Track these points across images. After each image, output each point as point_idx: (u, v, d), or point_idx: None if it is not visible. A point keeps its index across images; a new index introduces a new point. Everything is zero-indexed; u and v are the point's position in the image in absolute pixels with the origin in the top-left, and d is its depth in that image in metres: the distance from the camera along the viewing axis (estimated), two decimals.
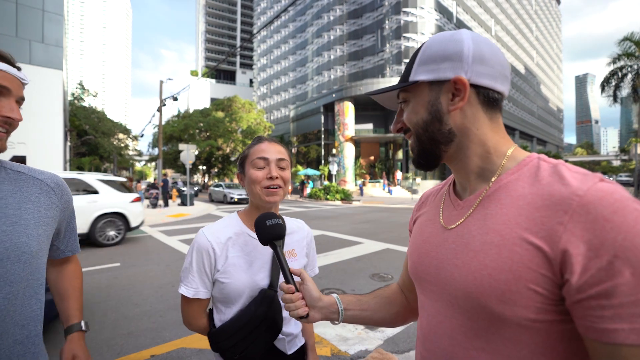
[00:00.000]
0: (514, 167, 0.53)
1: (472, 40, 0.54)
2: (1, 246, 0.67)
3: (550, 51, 75.87)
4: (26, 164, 3.29)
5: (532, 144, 58.68)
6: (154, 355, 2.50)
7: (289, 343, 0.98)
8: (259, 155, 0.94)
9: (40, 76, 16.65)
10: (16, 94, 0.70)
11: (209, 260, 0.91)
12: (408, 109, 0.59)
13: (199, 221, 10.78)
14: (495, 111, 0.56)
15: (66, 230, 0.89)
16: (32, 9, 16.71)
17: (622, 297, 0.38)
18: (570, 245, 0.41)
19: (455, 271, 0.53)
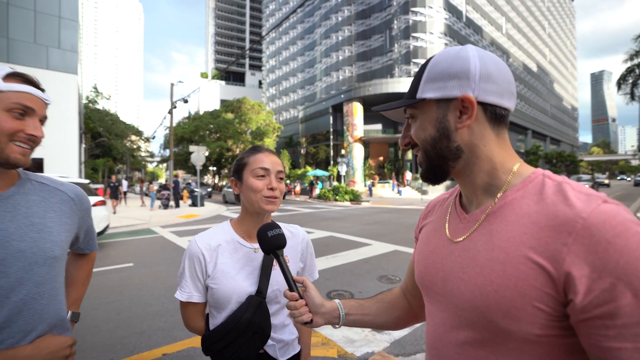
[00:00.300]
0: (519, 183, 0.54)
1: (479, 58, 0.54)
2: (29, 251, 0.75)
3: (563, 48, 74.26)
4: (44, 167, 3.47)
5: (545, 144, 57.48)
6: (166, 354, 2.58)
7: (281, 350, 1.00)
8: (260, 165, 0.97)
9: (56, 80, 17.13)
10: (40, 113, 0.77)
11: (199, 266, 0.95)
12: (416, 125, 0.60)
13: (209, 222, 10.93)
14: (502, 127, 0.57)
15: (85, 234, 0.96)
16: (49, 16, 17.21)
17: (626, 318, 0.39)
18: (574, 267, 0.42)
19: (462, 285, 0.54)
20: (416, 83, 0.59)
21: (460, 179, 0.60)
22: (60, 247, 0.81)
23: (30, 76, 0.77)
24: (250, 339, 0.92)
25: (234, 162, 1.07)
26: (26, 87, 0.75)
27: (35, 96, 0.76)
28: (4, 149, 0.72)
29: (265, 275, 0.97)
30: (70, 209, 0.87)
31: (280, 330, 1.02)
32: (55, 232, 0.81)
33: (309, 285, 0.77)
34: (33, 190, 0.82)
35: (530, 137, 51.48)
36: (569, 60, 78.24)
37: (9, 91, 0.72)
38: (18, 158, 0.74)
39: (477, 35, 40.05)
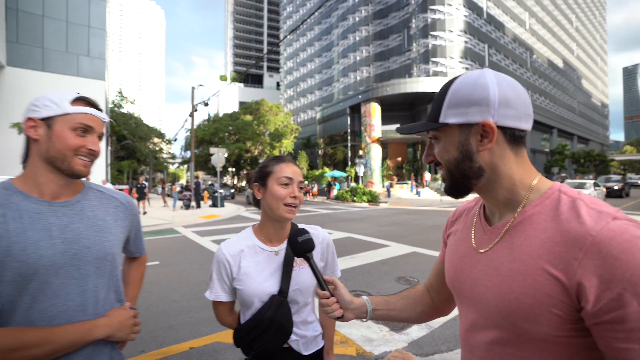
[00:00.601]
0: (537, 199, 0.59)
1: (497, 85, 0.59)
2: (94, 248, 0.87)
3: (593, 42, 70.90)
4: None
5: (572, 143, 55.08)
6: (193, 348, 2.72)
7: (304, 345, 1.08)
8: (285, 174, 1.05)
9: (85, 87, 18.00)
10: (98, 130, 0.90)
11: (225, 270, 1.06)
12: (439, 146, 0.66)
13: (229, 222, 11.21)
14: (520, 146, 0.62)
15: (135, 237, 1.08)
16: (79, 26, 18.11)
17: (633, 323, 0.45)
18: (584, 279, 0.48)
19: (488, 292, 0.61)
20: (438, 107, 0.63)
21: (482, 194, 0.66)
22: (116, 246, 0.95)
23: (92, 99, 0.90)
24: (274, 335, 1.01)
25: (257, 168, 1.15)
26: (88, 108, 0.87)
27: (95, 116, 0.88)
28: (70, 162, 0.85)
29: (286, 276, 1.05)
30: (123, 213, 1.00)
31: (303, 326, 1.09)
32: (112, 233, 0.94)
33: (339, 284, 0.86)
34: (94, 197, 0.95)
35: (556, 136, 49.49)
36: (598, 54, 74.64)
37: (75, 113, 0.85)
38: (81, 170, 0.87)
39: (498, 32, 38.95)
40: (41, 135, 0.84)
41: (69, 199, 0.89)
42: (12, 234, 0.77)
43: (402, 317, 0.89)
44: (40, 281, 0.79)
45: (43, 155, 0.84)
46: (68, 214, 0.87)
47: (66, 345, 0.80)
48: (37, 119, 0.84)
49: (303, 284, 1.07)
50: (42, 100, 0.85)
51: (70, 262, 0.83)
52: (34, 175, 0.85)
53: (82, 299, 0.85)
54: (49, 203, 0.85)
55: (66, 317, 0.82)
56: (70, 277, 0.83)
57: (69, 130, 0.84)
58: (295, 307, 1.07)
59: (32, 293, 0.78)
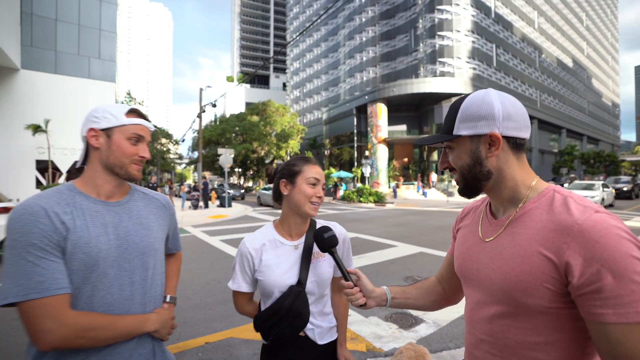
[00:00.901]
0: (535, 197, 0.71)
1: (501, 102, 0.71)
2: (141, 244, 0.98)
3: (603, 41, 69.75)
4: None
5: (581, 143, 54.26)
6: (208, 342, 2.83)
7: (319, 334, 1.15)
8: (314, 175, 1.13)
9: (96, 89, 18.32)
10: (147, 139, 1.01)
11: (247, 263, 1.14)
12: (453, 154, 0.78)
13: (237, 222, 11.36)
14: (521, 152, 0.74)
15: (172, 235, 1.18)
16: (91, 29, 18.43)
17: (607, 293, 0.56)
18: (571, 258, 0.60)
19: (492, 273, 0.72)
20: (451, 122, 0.76)
21: (490, 194, 0.78)
22: (159, 242, 1.05)
23: (141, 111, 1.02)
24: (291, 322, 1.08)
25: (283, 165, 1.22)
26: (140, 120, 0.99)
27: (145, 126, 1.00)
28: (127, 168, 0.97)
29: (304, 269, 1.13)
30: (163, 212, 1.10)
31: (319, 317, 1.17)
32: (155, 230, 1.04)
33: (362, 275, 0.97)
34: (139, 198, 1.06)
35: (565, 137, 48.84)
36: (609, 53, 73.41)
37: (130, 124, 0.96)
38: (136, 174, 0.99)
39: (506, 31, 38.62)
40: (102, 144, 0.95)
41: (120, 200, 1.00)
42: (78, 229, 0.87)
43: (418, 305, 1.00)
44: (100, 272, 0.89)
45: (103, 161, 0.95)
46: (120, 213, 0.97)
47: (124, 333, 0.90)
48: (98, 129, 0.94)
49: (320, 276, 1.15)
50: (102, 112, 0.95)
51: (122, 255, 0.93)
52: (93, 178, 0.96)
53: (132, 289, 0.95)
54: (104, 203, 0.96)
55: (120, 305, 0.92)
56: (122, 269, 0.93)
57: (125, 139, 0.95)
58: (312, 297, 1.15)
59: (93, 282, 0.88)
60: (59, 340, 0.80)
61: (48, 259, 0.81)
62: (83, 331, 0.83)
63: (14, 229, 0.81)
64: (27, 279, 0.79)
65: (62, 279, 0.82)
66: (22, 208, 0.83)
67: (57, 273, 0.82)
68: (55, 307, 0.80)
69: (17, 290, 0.78)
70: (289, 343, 1.12)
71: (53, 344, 0.80)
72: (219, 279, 4.72)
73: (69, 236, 0.85)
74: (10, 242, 0.81)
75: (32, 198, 0.86)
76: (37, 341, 0.80)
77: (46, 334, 0.79)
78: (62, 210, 0.86)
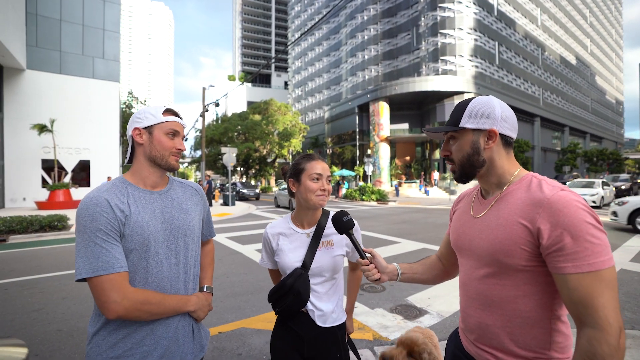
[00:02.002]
0: (517, 181, 0.89)
1: (500, 107, 0.90)
2: (182, 227, 1.11)
3: (608, 38, 69.30)
4: (90, 168, 4.51)
5: (584, 141, 54.05)
6: (222, 332, 2.95)
7: (320, 317, 1.27)
8: (315, 171, 1.27)
9: (100, 88, 18.49)
10: (182, 134, 1.14)
11: (268, 246, 1.36)
12: (456, 144, 0.94)
13: (241, 220, 11.48)
14: (510, 148, 0.93)
15: (206, 220, 1.30)
16: (95, 29, 18.56)
17: (567, 250, 0.73)
18: (542, 225, 0.76)
19: (481, 242, 0.89)
20: (458, 115, 0.92)
21: (481, 179, 0.95)
22: (197, 225, 1.19)
23: (175, 109, 1.15)
24: (293, 299, 1.25)
25: (291, 165, 1.36)
26: (175, 117, 1.12)
27: (179, 123, 1.13)
28: (167, 159, 1.10)
29: (309, 255, 1.28)
30: (198, 199, 1.24)
31: (325, 297, 1.30)
32: (193, 214, 1.17)
33: (377, 254, 1.12)
34: (177, 187, 1.20)
35: (568, 134, 48.69)
36: (613, 50, 72.95)
37: (167, 121, 1.10)
38: (175, 164, 1.12)
39: (509, 29, 38.50)
40: (145, 140, 1.09)
41: (162, 189, 1.13)
42: (133, 215, 1.01)
43: (422, 279, 1.18)
44: (152, 251, 1.03)
45: (147, 155, 1.09)
46: (164, 200, 1.11)
47: (170, 310, 1.04)
48: (141, 128, 1.09)
49: (324, 262, 1.29)
50: (143, 113, 1.10)
51: (169, 237, 1.07)
52: (140, 170, 1.10)
53: (177, 268, 1.09)
54: (151, 192, 1.10)
55: (169, 281, 1.06)
56: (169, 250, 1.07)
57: (163, 135, 1.09)
58: (319, 279, 1.30)
59: (147, 260, 1.02)
60: (123, 310, 0.94)
61: (111, 242, 0.96)
62: (140, 304, 0.97)
63: (84, 217, 0.95)
64: (96, 258, 0.93)
65: (122, 259, 0.97)
66: (89, 200, 0.97)
67: (118, 254, 0.96)
68: (119, 282, 0.94)
69: (88, 268, 0.93)
70: (292, 316, 1.29)
71: (118, 313, 0.94)
72: (227, 274, 4.84)
73: (127, 222, 0.99)
74: (81, 227, 0.96)
75: (96, 191, 1.01)
76: (106, 310, 0.93)
77: (113, 304, 0.93)
78: (119, 201, 1.00)
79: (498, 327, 0.86)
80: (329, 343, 1.29)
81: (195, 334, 1.15)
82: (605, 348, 0.67)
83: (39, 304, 3.67)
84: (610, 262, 0.72)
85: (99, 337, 0.99)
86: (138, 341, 1.01)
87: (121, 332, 1.00)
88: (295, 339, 1.28)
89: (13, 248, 6.86)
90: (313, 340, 1.27)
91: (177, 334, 1.08)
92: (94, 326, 1.01)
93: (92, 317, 1.04)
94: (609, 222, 9.10)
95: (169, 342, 1.05)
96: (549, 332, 0.81)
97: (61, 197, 14.84)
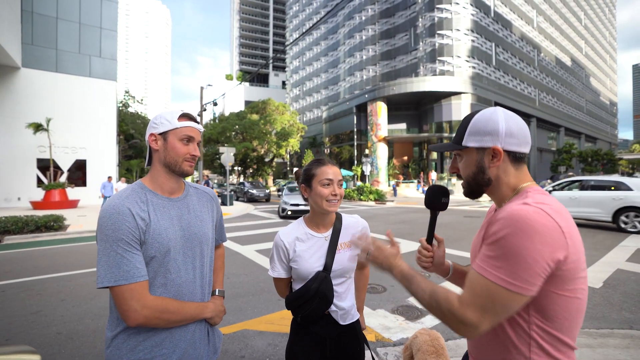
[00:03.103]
0: (514, 197, 0.85)
1: (505, 120, 0.83)
2: (198, 233, 1.12)
3: (602, 40, 69.95)
4: (87, 167, 4.51)
5: (579, 142, 54.54)
6: (224, 334, 2.93)
7: (342, 316, 1.29)
8: (326, 176, 1.26)
9: (97, 87, 18.34)
10: (197, 139, 1.12)
11: (283, 253, 1.29)
12: (462, 162, 0.91)
13: (240, 220, 11.45)
14: (521, 163, 0.86)
15: (219, 226, 1.29)
16: (92, 27, 18.41)
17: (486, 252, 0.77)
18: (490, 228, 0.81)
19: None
20: (462, 134, 0.88)
21: (490, 195, 0.92)
22: (211, 232, 1.19)
23: (191, 114, 1.13)
24: (318, 302, 1.23)
25: (302, 170, 1.34)
26: (190, 122, 1.10)
27: (195, 128, 1.11)
28: (181, 165, 1.09)
29: (330, 257, 1.27)
30: (212, 205, 1.23)
31: (344, 296, 1.31)
32: (207, 221, 1.17)
33: (442, 247, 1.09)
34: (193, 193, 1.19)
35: (563, 135, 49.09)
36: (607, 52, 73.63)
37: (182, 127, 1.09)
38: (188, 170, 1.11)
39: (506, 30, 38.73)
40: (160, 146, 1.09)
41: (179, 196, 1.14)
42: (153, 222, 1.01)
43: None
44: (171, 258, 1.04)
45: (162, 161, 1.09)
46: (181, 207, 1.11)
47: (189, 317, 1.06)
48: (157, 134, 1.08)
49: (344, 263, 1.28)
50: (159, 119, 1.09)
51: (186, 244, 1.08)
52: (157, 176, 1.10)
53: (193, 274, 1.10)
54: (169, 199, 1.10)
55: (186, 287, 1.07)
56: (186, 256, 1.07)
57: (178, 140, 1.08)
58: (339, 280, 1.30)
59: (166, 266, 1.03)
60: (143, 318, 0.96)
61: (132, 252, 0.97)
62: (160, 312, 0.98)
63: (107, 225, 0.95)
64: (117, 268, 0.94)
65: (142, 269, 0.98)
66: (112, 208, 0.97)
67: (139, 264, 0.97)
68: (139, 291, 0.96)
69: (109, 277, 0.94)
70: (315, 320, 1.26)
71: (137, 321, 0.95)
72: (227, 275, 4.82)
73: (147, 230, 1.00)
74: (103, 236, 0.96)
75: (118, 199, 1.01)
76: (127, 318, 0.95)
77: (133, 313, 0.94)
78: (140, 209, 1.01)
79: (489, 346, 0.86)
80: (349, 339, 1.31)
81: (211, 337, 1.16)
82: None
83: (37, 307, 3.63)
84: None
85: (119, 341, 1.00)
86: (157, 344, 1.02)
87: (141, 336, 1.00)
88: (315, 341, 1.28)
89: (8, 249, 6.79)
90: (335, 339, 1.28)
91: (195, 337, 1.09)
92: (113, 330, 1.01)
93: (110, 320, 1.04)
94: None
95: (187, 345, 1.06)
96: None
97: (57, 196, 14.72)
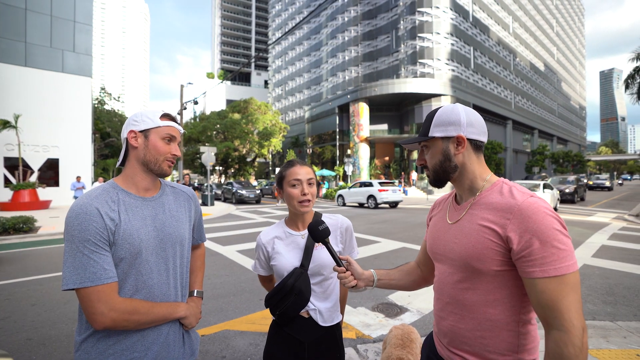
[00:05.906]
0: (489, 187, 0.91)
1: (465, 113, 0.92)
2: (173, 234, 1.09)
3: (572, 47, 73.45)
4: (59, 167, 4.38)
5: (552, 143, 57.05)
6: (204, 335, 2.90)
7: (320, 316, 1.28)
8: (293, 177, 1.27)
9: (71, 83, 17.59)
10: (178, 139, 1.12)
11: (262, 253, 1.34)
12: (429, 152, 0.97)
13: (221, 220, 11.29)
14: (480, 152, 0.95)
15: (198, 225, 1.28)
16: (64, 21, 17.64)
17: (535, 255, 0.76)
18: (512, 231, 0.80)
19: (455, 247, 0.92)
20: (428, 126, 0.96)
21: (455, 184, 0.98)
22: (188, 232, 1.16)
23: (172, 115, 1.13)
24: (295, 299, 1.23)
25: (277, 173, 1.37)
26: (172, 122, 1.10)
27: (176, 128, 1.11)
28: (161, 164, 1.08)
29: (307, 255, 1.28)
30: (190, 204, 1.21)
31: (322, 297, 1.31)
32: (184, 221, 1.15)
33: (352, 261, 1.13)
34: (169, 192, 1.17)
35: (537, 137, 51.19)
36: (577, 59, 77.37)
37: (164, 126, 1.08)
38: (167, 170, 1.10)
39: (483, 35, 40.00)
40: (140, 144, 1.07)
41: (154, 195, 1.11)
42: (123, 223, 0.99)
43: (399, 285, 1.18)
44: (142, 259, 1.01)
45: (140, 159, 1.07)
46: (155, 207, 1.09)
47: (160, 318, 1.03)
48: (137, 131, 1.06)
49: (321, 260, 1.30)
50: (140, 116, 1.07)
51: (159, 245, 1.05)
52: (132, 174, 1.07)
53: (167, 275, 1.08)
54: (142, 199, 1.07)
55: (159, 288, 1.04)
56: (159, 257, 1.05)
57: (160, 139, 1.07)
58: (316, 278, 1.30)
59: (137, 268, 1.01)
60: (110, 321, 0.93)
61: (99, 253, 0.94)
62: (128, 314, 0.95)
63: (73, 225, 0.93)
64: (83, 269, 0.91)
65: (110, 270, 0.95)
66: (79, 208, 0.95)
67: (107, 265, 0.94)
68: (106, 293, 0.93)
69: (75, 279, 0.91)
70: (292, 319, 1.27)
71: (105, 324, 0.92)
72: (208, 276, 4.76)
73: (117, 230, 0.97)
74: (70, 237, 0.93)
75: (86, 198, 0.98)
76: (93, 322, 0.92)
77: (100, 316, 0.91)
78: (110, 209, 0.98)
79: (469, 330, 0.88)
80: (329, 344, 1.30)
81: (186, 339, 1.13)
82: (571, 349, 0.71)
83: (4, 312, 3.47)
84: (574, 266, 0.75)
85: (88, 345, 0.97)
86: (128, 347, 0.99)
87: (111, 339, 0.98)
88: (293, 343, 1.27)
89: None
90: (314, 343, 1.27)
91: (168, 339, 1.06)
92: (82, 334, 0.98)
93: (79, 324, 1.00)
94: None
95: (160, 348, 1.03)
96: (518, 335, 0.84)
97: (26, 197, 14.01)
